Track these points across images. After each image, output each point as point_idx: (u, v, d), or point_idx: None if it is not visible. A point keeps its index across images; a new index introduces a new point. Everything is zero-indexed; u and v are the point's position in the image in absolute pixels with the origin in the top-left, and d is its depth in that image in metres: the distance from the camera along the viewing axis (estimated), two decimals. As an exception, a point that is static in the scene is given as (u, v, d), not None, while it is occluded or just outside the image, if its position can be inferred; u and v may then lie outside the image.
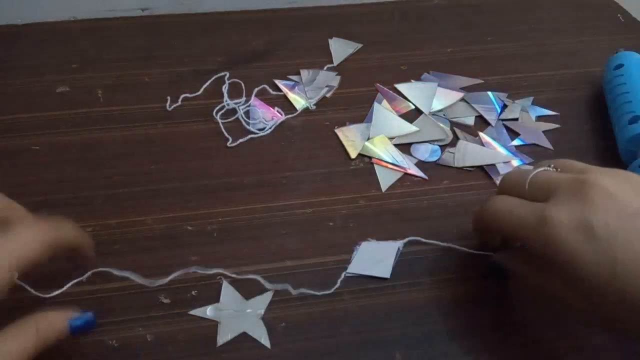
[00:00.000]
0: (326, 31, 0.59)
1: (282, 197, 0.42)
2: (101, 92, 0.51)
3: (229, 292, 0.36)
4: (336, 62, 0.55)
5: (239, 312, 0.35)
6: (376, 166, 0.45)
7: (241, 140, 0.47)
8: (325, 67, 0.54)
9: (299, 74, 0.53)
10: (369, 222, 0.41)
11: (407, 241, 0.39)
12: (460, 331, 0.35)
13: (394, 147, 0.47)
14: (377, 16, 0.62)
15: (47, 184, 0.43)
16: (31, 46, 0.56)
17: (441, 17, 0.62)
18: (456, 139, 0.47)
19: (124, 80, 0.52)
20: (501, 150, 0.47)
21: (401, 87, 0.52)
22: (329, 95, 0.52)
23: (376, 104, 0.50)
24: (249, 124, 0.48)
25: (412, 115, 0.50)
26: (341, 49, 0.57)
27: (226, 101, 0.50)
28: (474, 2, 0.65)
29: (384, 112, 0.50)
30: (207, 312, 0.35)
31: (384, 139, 0.47)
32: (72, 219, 0.39)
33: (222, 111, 0.49)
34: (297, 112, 0.50)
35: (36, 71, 0.53)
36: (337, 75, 0.54)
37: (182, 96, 0.50)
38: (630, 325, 0.28)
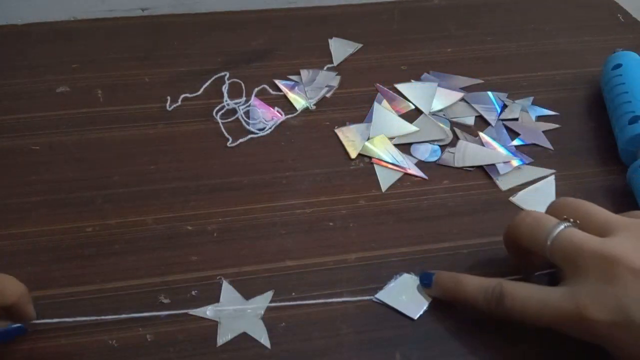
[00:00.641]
0: (326, 31, 0.59)
1: (282, 197, 0.42)
2: (101, 92, 0.51)
3: (228, 292, 0.36)
4: (336, 62, 0.55)
5: (239, 312, 0.35)
6: (376, 166, 0.45)
7: (241, 140, 0.47)
8: (325, 67, 0.54)
9: (299, 74, 0.53)
10: (369, 222, 0.41)
11: None
12: (460, 331, 0.35)
13: (394, 147, 0.47)
14: (377, 16, 0.62)
15: (47, 184, 0.43)
16: (31, 46, 0.56)
17: (441, 17, 0.62)
18: (456, 139, 0.47)
19: (124, 80, 0.52)
20: (501, 150, 0.47)
21: (401, 87, 0.52)
22: (329, 95, 0.52)
23: (376, 104, 0.50)
24: (249, 124, 0.48)
25: (412, 115, 0.50)
26: (341, 49, 0.57)
27: (226, 101, 0.50)
28: (474, 2, 0.65)
29: (384, 112, 0.50)
30: (207, 312, 0.35)
31: (384, 139, 0.47)
32: (72, 219, 0.40)
33: (222, 111, 0.49)
34: (297, 112, 0.50)
35: (36, 71, 0.53)
36: (337, 75, 0.54)
37: (182, 96, 0.50)
38: None
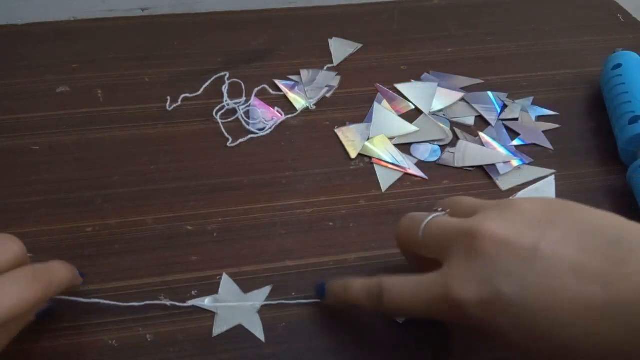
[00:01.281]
0: (326, 31, 0.59)
1: (282, 197, 0.42)
2: (101, 92, 0.51)
3: (228, 284, 0.36)
4: (336, 62, 0.55)
5: (237, 304, 0.35)
6: (376, 166, 0.45)
7: (241, 140, 0.47)
8: (325, 67, 0.54)
9: (299, 74, 0.53)
10: (369, 222, 0.41)
11: None
12: (460, 331, 0.35)
13: (394, 147, 0.47)
14: (377, 16, 0.62)
15: (47, 184, 0.43)
16: (31, 46, 0.56)
17: (441, 17, 0.62)
18: (456, 139, 0.47)
19: (124, 80, 0.52)
20: (501, 150, 0.47)
21: (401, 87, 0.52)
22: (329, 95, 0.52)
23: (376, 104, 0.50)
24: (249, 124, 0.48)
25: (412, 115, 0.50)
26: (341, 49, 0.57)
27: (226, 101, 0.50)
28: (474, 2, 0.65)
29: (384, 112, 0.50)
30: (205, 302, 0.35)
31: (384, 139, 0.47)
32: (72, 219, 0.40)
33: (222, 111, 0.49)
34: (297, 112, 0.50)
35: (36, 71, 0.53)
36: (337, 75, 0.54)
37: (182, 96, 0.50)
38: None
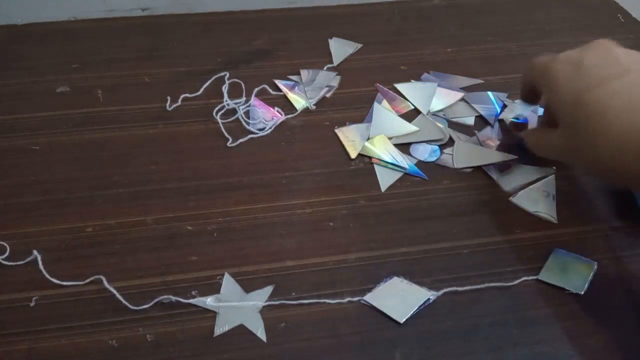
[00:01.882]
0: (326, 31, 0.59)
1: (282, 197, 0.42)
2: (101, 92, 0.51)
3: (230, 284, 0.36)
4: (336, 62, 0.55)
5: (238, 304, 0.35)
6: (376, 166, 0.45)
7: (241, 140, 0.47)
8: (325, 67, 0.54)
9: (299, 74, 0.53)
10: (369, 222, 0.41)
11: (442, 293, 0.36)
12: (459, 332, 0.35)
13: (393, 147, 0.47)
14: (377, 16, 0.62)
15: (47, 184, 0.43)
16: (31, 46, 0.56)
17: (441, 17, 0.62)
18: (452, 141, 0.47)
19: (124, 80, 0.52)
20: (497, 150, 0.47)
21: (401, 86, 0.52)
22: (329, 95, 0.52)
23: (376, 104, 0.50)
24: (249, 124, 0.48)
25: (412, 115, 0.50)
26: (341, 49, 0.57)
27: (226, 101, 0.50)
28: (474, 2, 0.65)
29: (383, 112, 0.50)
30: (207, 302, 0.35)
31: (383, 139, 0.47)
32: (72, 219, 0.40)
33: (222, 111, 0.49)
34: (297, 112, 0.50)
35: (36, 71, 0.53)
36: (337, 75, 0.54)
37: (182, 96, 0.50)
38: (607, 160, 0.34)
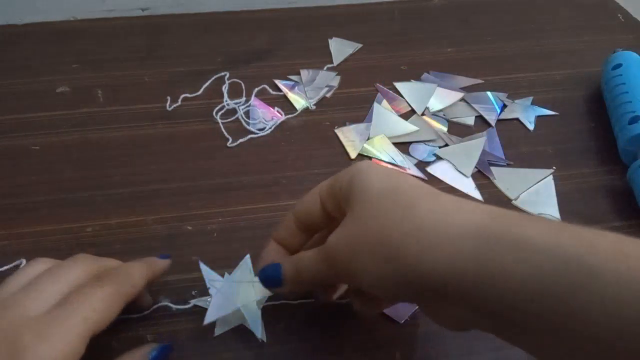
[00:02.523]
0: (326, 31, 0.59)
1: (282, 197, 0.42)
2: (101, 92, 0.51)
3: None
4: (336, 62, 0.55)
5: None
6: (376, 166, 0.45)
7: (241, 140, 0.47)
8: (325, 67, 0.54)
9: (299, 74, 0.53)
10: (369, 222, 0.41)
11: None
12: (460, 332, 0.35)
13: (393, 147, 0.47)
14: (377, 16, 0.62)
15: (47, 184, 0.43)
16: (31, 46, 0.56)
17: (441, 17, 0.62)
18: (446, 144, 0.47)
19: (124, 80, 0.52)
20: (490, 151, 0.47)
21: (400, 86, 0.52)
22: (329, 95, 0.52)
23: (376, 104, 0.50)
24: (249, 124, 0.48)
25: (412, 115, 0.50)
26: (341, 49, 0.57)
27: (226, 101, 0.50)
28: (474, 2, 0.65)
29: (383, 112, 0.50)
30: (207, 302, 0.35)
31: (383, 139, 0.47)
32: (72, 219, 0.40)
33: (222, 111, 0.49)
34: (297, 112, 0.50)
35: (36, 71, 0.53)
36: (337, 75, 0.54)
37: (182, 96, 0.50)
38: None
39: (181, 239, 0.39)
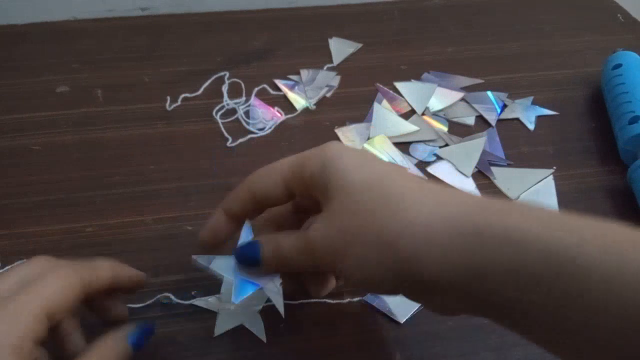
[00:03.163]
0: (326, 31, 0.59)
1: (282, 197, 0.42)
2: (101, 92, 0.51)
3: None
4: (336, 62, 0.55)
5: (239, 305, 0.35)
6: (376, 166, 0.45)
7: (241, 140, 0.47)
8: (325, 67, 0.54)
9: (299, 74, 0.53)
10: (369, 222, 0.41)
11: None
12: (460, 332, 0.35)
13: (393, 147, 0.47)
14: (377, 16, 0.62)
15: (47, 184, 0.43)
16: (31, 46, 0.56)
17: (441, 17, 0.62)
18: (446, 144, 0.47)
19: (124, 80, 0.52)
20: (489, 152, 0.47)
21: (400, 85, 0.52)
22: (329, 95, 0.52)
23: (376, 104, 0.50)
24: (248, 124, 0.48)
25: (412, 115, 0.50)
26: (341, 49, 0.57)
27: (226, 101, 0.50)
28: (474, 2, 0.65)
29: (383, 112, 0.50)
30: (207, 301, 0.35)
31: (383, 138, 0.47)
32: (72, 219, 0.40)
33: (222, 111, 0.49)
34: (297, 112, 0.50)
35: (36, 71, 0.53)
36: (337, 75, 0.54)
37: (182, 96, 0.50)
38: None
39: (181, 239, 0.39)
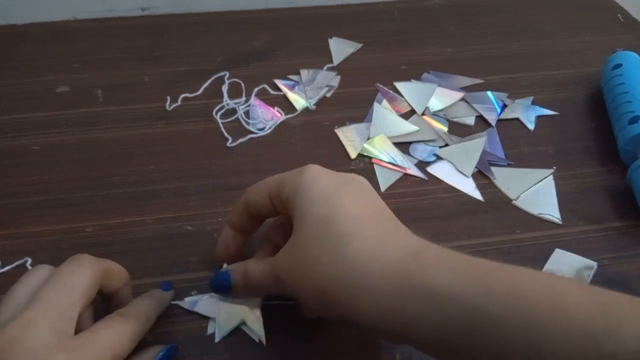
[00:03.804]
0: (326, 31, 0.59)
1: (282, 197, 0.42)
2: (101, 92, 0.51)
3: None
4: (336, 62, 0.55)
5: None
6: (376, 166, 0.45)
7: (241, 140, 0.47)
8: (325, 67, 0.54)
9: (299, 74, 0.53)
10: (369, 222, 0.41)
11: None
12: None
13: (393, 147, 0.47)
14: (377, 16, 0.62)
15: (47, 184, 0.43)
16: (31, 46, 0.56)
17: (441, 17, 0.62)
18: (446, 144, 0.47)
19: (124, 80, 0.52)
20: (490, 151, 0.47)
21: (400, 85, 0.52)
22: (329, 95, 0.52)
23: (376, 104, 0.50)
24: (248, 124, 0.48)
25: (412, 115, 0.50)
26: (341, 49, 0.57)
27: (226, 101, 0.50)
28: (474, 2, 0.65)
29: (384, 112, 0.50)
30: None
31: (383, 138, 0.47)
32: (72, 219, 0.40)
33: (222, 111, 0.49)
34: (297, 112, 0.50)
35: (36, 71, 0.53)
36: (337, 75, 0.54)
37: (182, 96, 0.50)
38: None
39: (181, 239, 0.39)
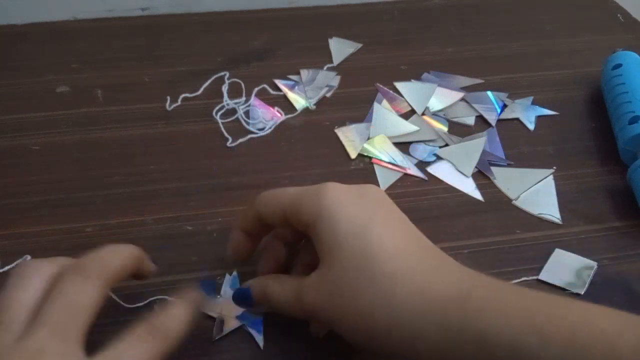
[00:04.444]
0: (326, 31, 0.59)
1: (282, 197, 0.42)
2: (101, 92, 0.51)
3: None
4: (336, 62, 0.55)
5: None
6: (376, 166, 0.45)
7: (241, 140, 0.47)
8: (325, 67, 0.54)
9: (299, 74, 0.53)
10: (369, 222, 0.41)
11: None
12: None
13: (393, 147, 0.47)
14: (377, 16, 0.62)
15: (47, 184, 0.43)
16: (31, 46, 0.56)
17: (441, 17, 0.62)
18: (446, 144, 0.47)
19: (124, 80, 0.52)
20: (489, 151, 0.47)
21: (400, 85, 0.52)
22: (329, 95, 0.52)
23: (376, 104, 0.50)
24: (248, 124, 0.48)
25: (412, 115, 0.50)
26: (341, 49, 0.57)
27: (226, 101, 0.50)
28: (474, 2, 0.65)
29: (384, 112, 0.50)
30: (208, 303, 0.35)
31: (383, 138, 0.47)
32: (72, 219, 0.40)
33: (222, 111, 0.49)
34: (297, 112, 0.50)
35: (36, 71, 0.53)
36: (337, 75, 0.54)
37: (182, 96, 0.50)
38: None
39: (181, 239, 0.39)
